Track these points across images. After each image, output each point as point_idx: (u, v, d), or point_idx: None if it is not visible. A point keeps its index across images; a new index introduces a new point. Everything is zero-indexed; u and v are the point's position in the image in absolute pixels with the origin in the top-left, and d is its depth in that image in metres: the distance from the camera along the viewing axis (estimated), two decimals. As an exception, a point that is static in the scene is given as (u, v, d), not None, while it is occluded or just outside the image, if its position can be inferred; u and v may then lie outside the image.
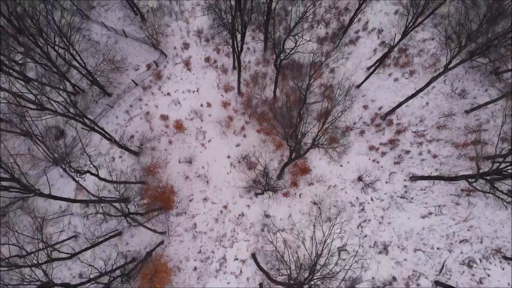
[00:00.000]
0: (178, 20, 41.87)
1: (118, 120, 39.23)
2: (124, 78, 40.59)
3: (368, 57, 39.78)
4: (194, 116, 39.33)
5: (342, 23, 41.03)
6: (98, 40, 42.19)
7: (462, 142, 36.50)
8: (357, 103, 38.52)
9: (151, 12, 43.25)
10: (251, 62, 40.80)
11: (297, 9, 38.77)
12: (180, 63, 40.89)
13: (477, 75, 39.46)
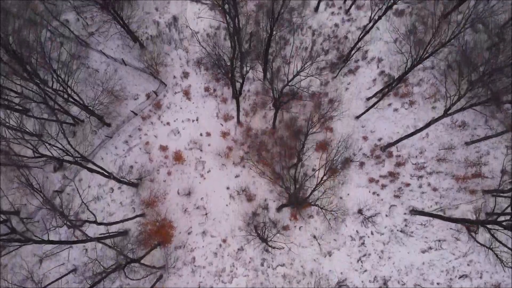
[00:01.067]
0: (177, 49, 41.40)
1: (117, 150, 38.70)
2: (123, 107, 40.07)
3: (367, 87, 39.31)
4: (193, 146, 38.83)
5: (341, 52, 40.57)
6: (97, 68, 41.69)
7: (462, 175, 36.00)
8: (356, 133, 38.01)
9: (150, 40, 42.79)
10: (251, 91, 40.29)
11: (294, 44, 38.53)
12: (180, 92, 40.38)
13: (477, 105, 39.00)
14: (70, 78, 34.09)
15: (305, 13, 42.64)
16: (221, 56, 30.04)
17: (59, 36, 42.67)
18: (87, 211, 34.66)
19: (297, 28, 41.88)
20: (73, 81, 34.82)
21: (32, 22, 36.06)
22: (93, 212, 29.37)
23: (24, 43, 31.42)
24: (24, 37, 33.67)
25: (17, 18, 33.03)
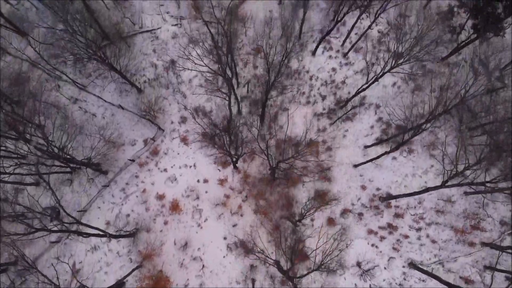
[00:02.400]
0: (175, 94, 40.77)
1: (114, 198, 37.92)
2: (120, 153, 39.34)
3: (365, 134, 38.62)
4: (190, 194, 38.05)
5: (339, 98, 39.96)
6: (95, 112, 41.03)
7: (461, 227, 35.22)
8: (354, 182, 37.30)
9: (147, 83, 42.19)
10: (248, 137, 39.64)
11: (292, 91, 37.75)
12: (177, 138, 39.73)
13: (476, 154, 38.24)
14: (67, 143, 33.48)
15: (303, 57, 42.17)
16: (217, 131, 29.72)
17: (56, 78, 42.17)
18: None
19: (294, 73, 41.37)
20: (70, 145, 34.20)
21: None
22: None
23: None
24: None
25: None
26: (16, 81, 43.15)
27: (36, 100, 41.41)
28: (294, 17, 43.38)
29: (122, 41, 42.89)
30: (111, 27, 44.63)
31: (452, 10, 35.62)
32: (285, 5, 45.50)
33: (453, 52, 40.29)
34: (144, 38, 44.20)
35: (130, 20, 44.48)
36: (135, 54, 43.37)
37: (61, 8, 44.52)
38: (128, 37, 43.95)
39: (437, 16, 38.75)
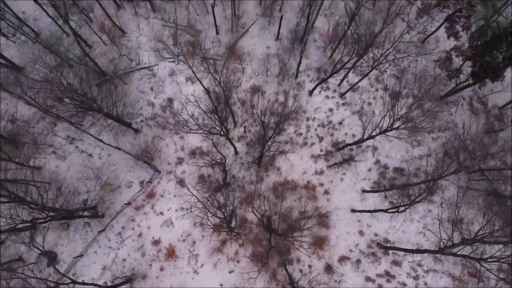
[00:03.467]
0: (172, 136, 40.17)
1: (111, 242, 37.25)
2: (117, 196, 38.69)
3: (363, 177, 38.00)
4: (186, 238, 37.45)
5: (336, 140, 39.33)
6: (91, 152, 40.44)
7: (458, 275, 34.58)
8: (352, 228, 36.63)
9: (145, 122, 41.64)
10: (245, 178, 39.02)
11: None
12: (174, 179, 39.13)
13: (474, 196, 37.60)
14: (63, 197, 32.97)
15: (300, 96, 41.57)
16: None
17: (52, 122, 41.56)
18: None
19: (291, 113, 40.69)
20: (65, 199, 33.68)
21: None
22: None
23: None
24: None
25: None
26: (12, 119, 42.90)
27: (33, 139, 41.43)
28: (291, 55, 42.88)
29: (119, 79, 42.40)
30: (108, 63, 44.25)
31: (450, 58, 34.99)
32: (282, 41, 44.95)
33: (451, 93, 39.64)
34: (141, 75, 43.64)
35: (127, 57, 43.95)
36: (132, 91, 42.88)
37: (57, 43, 44.54)
38: (125, 74, 43.46)
39: (435, 63, 38.10)
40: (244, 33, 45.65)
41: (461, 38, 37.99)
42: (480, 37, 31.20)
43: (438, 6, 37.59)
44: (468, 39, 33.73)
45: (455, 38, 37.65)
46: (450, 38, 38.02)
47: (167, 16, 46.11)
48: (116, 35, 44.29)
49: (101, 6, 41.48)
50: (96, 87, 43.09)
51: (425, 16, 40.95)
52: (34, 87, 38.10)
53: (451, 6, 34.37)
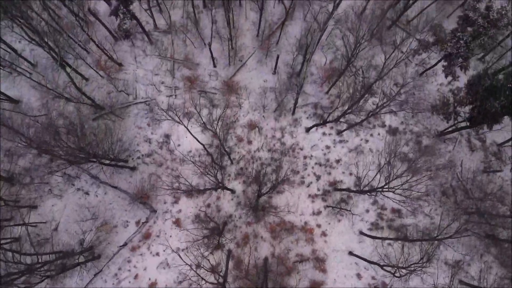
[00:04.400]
0: (168, 175, 39.61)
1: (107, 284, 36.53)
2: (113, 236, 38.13)
3: (360, 219, 37.42)
4: (182, 279, 36.85)
5: (333, 179, 38.79)
6: (88, 190, 39.89)
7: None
8: (350, 270, 36.03)
9: (141, 159, 41.10)
10: (242, 218, 38.43)
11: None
12: (170, 219, 38.54)
13: (472, 238, 36.95)
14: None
15: (297, 133, 41.06)
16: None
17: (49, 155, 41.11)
18: None
19: (287, 150, 40.24)
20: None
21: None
22: None
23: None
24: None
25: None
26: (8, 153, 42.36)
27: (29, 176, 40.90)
28: (288, 91, 42.33)
29: (116, 116, 41.95)
30: (105, 97, 43.83)
31: (447, 103, 34.49)
32: (280, 74, 44.51)
33: (448, 132, 39.11)
34: (139, 109, 43.16)
35: (124, 92, 43.49)
36: (129, 126, 42.40)
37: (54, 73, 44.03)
38: (122, 108, 42.99)
39: (432, 108, 37.63)
40: (242, 66, 45.23)
41: (459, 77, 37.61)
42: (477, 85, 30.68)
43: (436, 45, 37.12)
44: (466, 85, 33.21)
45: (452, 78, 37.25)
46: (448, 76, 37.62)
47: (164, 48, 45.74)
48: (112, 70, 43.86)
49: (97, 45, 41.08)
50: (93, 121, 42.71)
51: (423, 53, 40.52)
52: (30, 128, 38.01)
53: (448, 48, 33.90)
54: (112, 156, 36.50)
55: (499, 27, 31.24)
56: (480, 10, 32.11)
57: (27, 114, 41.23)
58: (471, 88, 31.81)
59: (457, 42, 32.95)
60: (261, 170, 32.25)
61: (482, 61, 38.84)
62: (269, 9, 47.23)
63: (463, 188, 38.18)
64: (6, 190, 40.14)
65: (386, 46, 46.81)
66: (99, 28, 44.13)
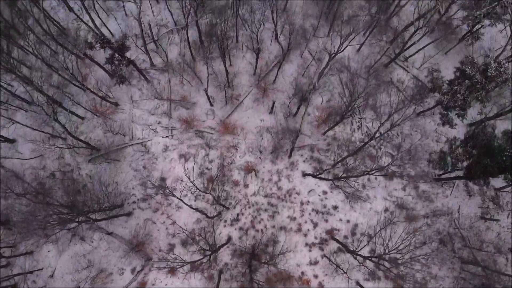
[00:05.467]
0: (164, 222, 39.03)
1: (101, 336, 36.22)
2: (108, 284, 37.57)
3: (358, 269, 36.81)
4: (178, 330, 36.34)
5: (330, 227, 38.20)
6: (83, 236, 39.14)
7: None
8: (346, 322, 35.53)
9: (136, 204, 40.48)
10: (238, 267, 37.79)
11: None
12: (165, 268, 37.91)
13: (470, 287, 36.41)
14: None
15: (293, 177, 40.49)
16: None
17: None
18: None
19: (284, 195, 39.65)
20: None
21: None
22: None
23: None
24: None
25: None
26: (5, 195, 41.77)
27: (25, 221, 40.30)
28: (284, 134, 41.75)
29: (112, 160, 41.43)
30: (101, 136, 43.31)
31: (444, 159, 33.95)
32: (276, 114, 43.99)
33: (446, 178, 38.57)
34: (135, 150, 42.59)
35: (120, 134, 42.93)
36: (125, 169, 41.82)
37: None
38: (118, 150, 42.44)
39: (429, 162, 37.10)
40: (238, 105, 44.71)
41: (456, 125, 37.10)
42: (474, 140, 30.14)
43: (433, 92, 36.63)
44: (462, 141, 32.67)
45: (450, 126, 36.73)
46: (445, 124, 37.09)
47: (161, 87, 45.22)
48: (108, 111, 43.31)
49: (92, 91, 40.63)
50: (88, 162, 42.20)
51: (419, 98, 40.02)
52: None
53: (445, 101, 33.38)
54: (107, 205, 35.92)
55: (497, 82, 30.68)
56: (478, 64, 31.58)
57: (22, 158, 40.76)
58: (468, 143, 31.23)
59: (454, 95, 32.41)
60: (255, 244, 31.63)
61: (480, 113, 38.32)
62: (266, 46, 46.73)
63: (460, 236, 37.61)
64: (2, 233, 39.81)
65: (383, 84, 46.67)
66: (94, 69, 43.69)
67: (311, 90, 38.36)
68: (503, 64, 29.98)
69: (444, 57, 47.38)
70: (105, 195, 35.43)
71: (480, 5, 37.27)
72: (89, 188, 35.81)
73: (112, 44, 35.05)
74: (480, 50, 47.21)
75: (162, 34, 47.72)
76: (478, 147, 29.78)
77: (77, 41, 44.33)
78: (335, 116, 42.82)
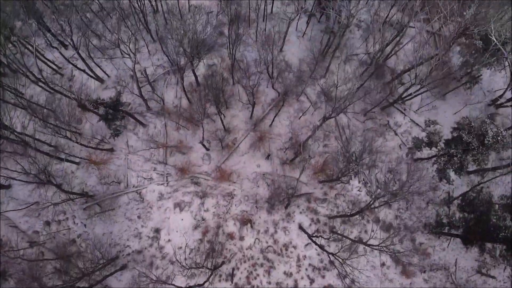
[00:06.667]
0: (158, 276, 38.51)
1: None
2: None
3: (354, 328, 36.51)
4: None
5: (327, 283, 37.76)
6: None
7: None
8: None
9: (131, 256, 39.98)
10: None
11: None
12: (160, 326, 37.56)
13: None
14: None
15: (290, 229, 40.01)
16: None
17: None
18: None
19: (281, 249, 39.21)
20: None
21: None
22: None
23: None
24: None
25: None
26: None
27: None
28: (281, 183, 41.31)
29: (106, 210, 40.96)
30: (96, 182, 42.83)
31: (441, 223, 33.55)
32: (273, 160, 43.56)
33: (443, 233, 38.14)
34: (130, 199, 42.07)
35: (115, 181, 42.45)
36: (120, 218, 41.31)
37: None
38: (112, 198, 41.97)
39: (425, 226, 36.69)
40: (234, 149, 44.26)
41: (453, 181, 36.68)
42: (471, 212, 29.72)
43: (429, 148, 36.18)
44: (458, 206, 32.25)
45: (447, 182, 36.31)
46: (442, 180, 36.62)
47: (156, 131, 44.77)
48: (103, 159, 42.80)
49: (85, 145, 40.12)
50: (84, 210, 41.74)
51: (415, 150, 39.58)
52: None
53: (442, 163, 32.95)
54: (103, 261, 35.48)
55: (494, 148, 30.24)
56: (474, 128, 31.13)
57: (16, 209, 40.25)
58: (464, 209, 30.83)
59: (450, 158, 31.99)
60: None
61: (477, 175, 37.89)
62: (262, 89, 46.31)
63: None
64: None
65: (380, 127, 46.26)
66: (90, 114, 43.15)
67: (303, 144, 37.81)
68: (501, 132, 29.51)
69: (442, 101, 46.89)
70: (100, 254, 34.98)
71: (479, 59, 36.93)
72: (84, 248, 35.25)
73: (106, 103, 34.54)
74: (479, 93, 46.78)
75: (158, 76, 47.24)
76: (474, 218, 29.32)
77: (72, 88, 44.07)
78: (332, 164, 42.52)
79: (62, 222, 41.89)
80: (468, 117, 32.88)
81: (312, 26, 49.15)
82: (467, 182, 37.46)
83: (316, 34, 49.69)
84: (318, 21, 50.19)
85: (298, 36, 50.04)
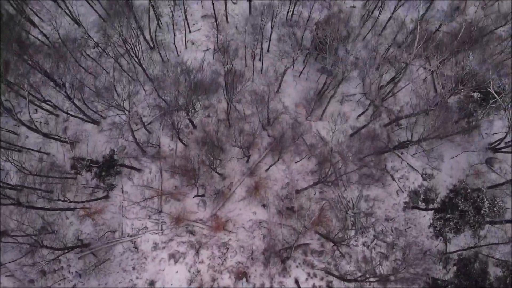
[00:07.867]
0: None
1: None
2: None
3: None
4: None
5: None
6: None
7: None
8: None
9: (127, 307, 39.80)
10: None
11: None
12: None
13: None
14: None
15: (286, 285, 39.64)
16: None
17: None
18: None
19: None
20: None
21: None
22: None
23: None
24: None
25: None
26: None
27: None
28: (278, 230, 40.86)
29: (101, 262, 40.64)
30: (91, 230, 42.52)
31: (441, 260, 33.17)
32: (269, 208, 43.14)
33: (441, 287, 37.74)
34: (124, 248, 41.68)
35: (110, 231, 42.13)
36: (115, 269, 40.99)
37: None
38: (107, 247, 41.66)
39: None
40: (230, 195, 43.88)
41: (450, 240, 36.24)
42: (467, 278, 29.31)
43: (426, 205, 35.78)
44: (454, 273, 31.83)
45: (444, 240, 35.88)
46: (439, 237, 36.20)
47: (152, 176, 44.44)
48: (98, 207, 42.50)
49: (78, 202, 39.83)
50: (79, 259, 41.45)
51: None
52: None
53: (438, 227, 32.52)
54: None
55: (491, 217, 29.80)
56: (471, 196, 30.65)
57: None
58: (459, 275, 30.43)
59: (446, 222, 31.56)
60: None
61: (473, 237, 37.43)
62: (258, 131, 45.90)
63: None
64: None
65: (377, 172, 45.75)
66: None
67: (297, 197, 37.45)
68: (497, 203, 29.05)
69: (440, 144, 46.30)
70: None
71: (479, 111, 36.57)
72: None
73: (100, 165, 34.19)
74: (478, 138, 46.28)
75: (154, 117, 46.84)
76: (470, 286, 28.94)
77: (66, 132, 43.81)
78: (329, 212, 42.19)
79: (57, 272, 41.61)
80: (464, 181, 32.38)
81: (309, 66, 48.77)
82: (464, 242, 36.98)
83: (312, 74, 49.32)
84: (315, 60, 49.70)
85: (294, 75, 49.60)
